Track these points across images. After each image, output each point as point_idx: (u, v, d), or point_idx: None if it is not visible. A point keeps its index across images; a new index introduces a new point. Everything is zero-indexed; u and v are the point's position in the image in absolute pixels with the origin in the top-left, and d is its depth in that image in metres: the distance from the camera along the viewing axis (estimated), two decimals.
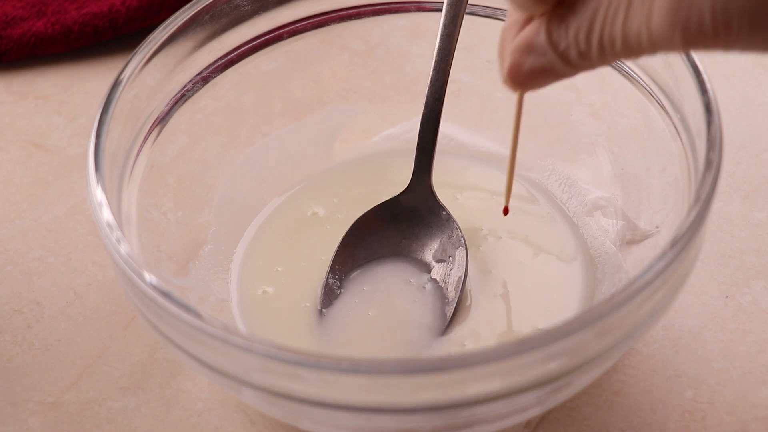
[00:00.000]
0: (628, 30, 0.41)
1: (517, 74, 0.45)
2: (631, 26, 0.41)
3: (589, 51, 0.43)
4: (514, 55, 0.45)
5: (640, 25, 0.40)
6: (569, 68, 0.44)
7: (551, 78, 0.45)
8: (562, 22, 0.43)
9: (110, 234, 0.49)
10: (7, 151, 0.68)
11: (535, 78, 0.45)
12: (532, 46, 0.44)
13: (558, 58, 0.44)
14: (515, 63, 0.45)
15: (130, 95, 0.55)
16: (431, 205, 0.59)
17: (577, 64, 0.43)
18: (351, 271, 0.58)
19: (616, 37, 0.41)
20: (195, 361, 0.48)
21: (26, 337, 0.59)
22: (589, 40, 0.42)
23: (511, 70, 0.45)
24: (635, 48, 0.41)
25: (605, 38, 0.42)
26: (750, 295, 0.58)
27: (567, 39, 0.43)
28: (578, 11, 0.42)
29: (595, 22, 0.42)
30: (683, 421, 0.54)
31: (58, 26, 0.72)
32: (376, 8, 0.62)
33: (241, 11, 0.59)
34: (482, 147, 0.63)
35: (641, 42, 0.41)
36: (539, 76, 0.45)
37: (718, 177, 0.48)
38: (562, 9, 0.43)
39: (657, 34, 0.40)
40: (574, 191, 0.61)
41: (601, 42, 0.42)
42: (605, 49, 0.42)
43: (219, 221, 0.61)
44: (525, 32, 0.44)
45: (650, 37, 0.40)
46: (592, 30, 0.42)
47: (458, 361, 0.44)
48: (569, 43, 0.43)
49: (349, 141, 0.65)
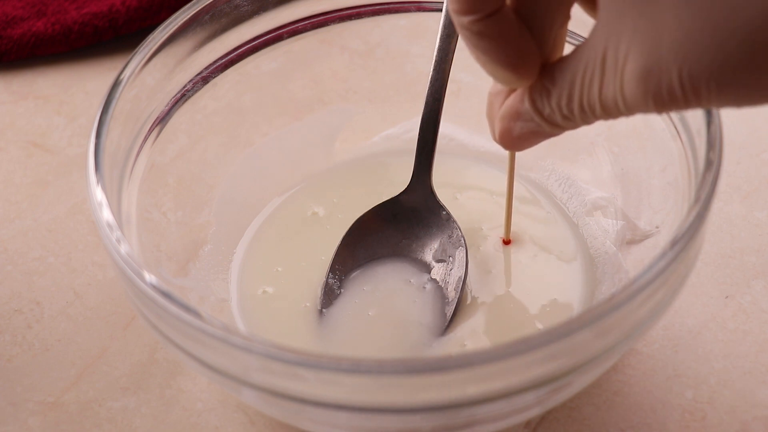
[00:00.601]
0: (605, 97, 0.43)
1: (509, 139, 0.48)
2: (606, 94, 0.42)
3: (572, 115, 0.45)
4: (503, 122, 0.47)
5: (615, 94, 0.42)
6: (556, 129, 0.46)
7: (540, 138, 0.47)
8: (544, 91, 0.45)
9: (110, 234, 0.49)
10: (7, 151, 0.68)
11: (525, 140, 0.48)
12: (519, 113, 0.47)
13: (544, 122, 0.46)
14: (505, 129, 0.48)
15: (130, 95, 0.55)
16: (431, 205, 0.59)
17: (563, 125, 0.46)
18: (351, 271, 0.58)
19: (595, 103, 0.43)
20: (195, 361, 0.48)
21: (26, 337, 0.59)
22: (570, 107, 0.44)
23: (502, 135, 0.48)
24: (614, 112, 0.43)
25: (585, 105, 0.44)
26: (750, 295, 0.58)
27: (550, 106, 0.45)
28: (557, 81, 0.44)
29: (574, 91, 0.44)
30: (683, 421, 0.54)
31: (58, 26, 0.72)
32: (376, 8, 0.62)
33: (241, 11, 0.59)
34: (482, 147, 0.63)
35: (618, 107, 0.42)
36: (529, 138, 0.47)
37: (718, 177, 0.48)
38: (543, 79, 0.45)
39: (631, 101, 0.42)
40: (574, 191, 0.61)
41: (581, 108, 0.44)
42: (586, 113, 0.44)
43: (219, 221, 0.61)
44: (511, 100, 0.47)
45: (626, 103, 0.42)
46: (572, 98, 0.44)
47: (458, 361, 0.44)
48: (552, 110, 0.45)
49: (349, 141, 0.65)
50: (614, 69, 0.42)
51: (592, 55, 0.42)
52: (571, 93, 0.44)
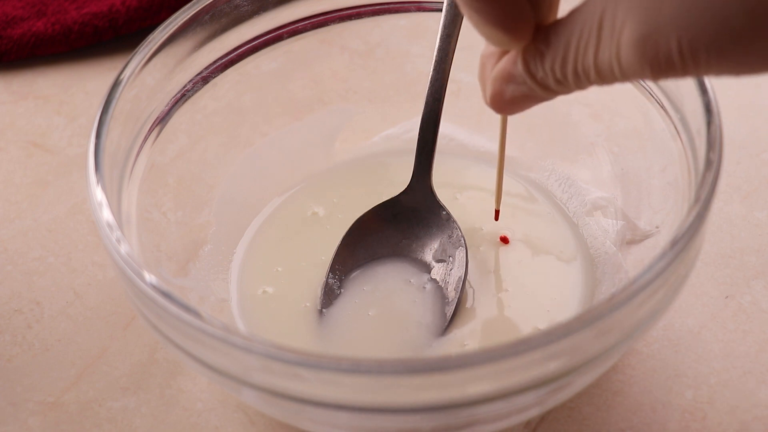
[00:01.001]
0: (600, 62, 0.42)
1: (500, 102, 0.47)
2: (602, 59, 0.42)
3: (566, 79, 0.44)
4: (494, 85, 0.47)
5: (611, 58, 0.42)
6: (549, 93, 0.46)
7: (532, 102, 0.47)
8: (538, 54, 0.44)
9: (110, 234, 0.49)
10: (7, 151, 0.68)
11: (516, 104, 0.47)
12: (511, 76, 0.46)
13: (537, 86, 0.45)
14: (496, 92, 0.47)
15: (130, 95, 0.55)
16: (431, 205, 0.59)
17: (555, 89, 0.45)
18: (351, 271, 0.58)
19: (590, 68, 0.43)
20: (195, 361, 0.48)
21: (26, 337, 0.59)
22: (564, 71, 0.44)
23: (493, 98, 0.47)
24: (609, 77, 0.42)
25: (579, 69, 0.43)
26: (750, 295, 0.58)
27: (543, 69, 0.44)
28: (552, 44, 0.44)
29: (569, 55, 0.43)
30: (683, 421, 0.54)
31: (58, 26, 0.72)
32: (376, 8, 0.62)
33: (241, 11, 0.59)
34: (482, 147, 0.63)
35: (614, 72, 0.42)
36: (520, 101, 0.47)
37: (718, 177, 0.48)
38: (537, 41, 0.44)
39: (627, 67, 0.41)
40: (574, 191, 0.61)
41: (575, 72, 0.43)
42: (580, 77, 0.43)
43: (219, 221, 0.61)
44: (503, 62, 0.46)
45: (621, 69, 0.42)
46: (566, 61, 0.43)
47: (458, 361, 0.44)
48: (546, 73, 0.44)
49: (349, 141, 0.65)
50: (611, 34, 0.41)
51: (589, 19, 0.42)
52: (566, 56, 0.43)
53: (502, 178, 0.57)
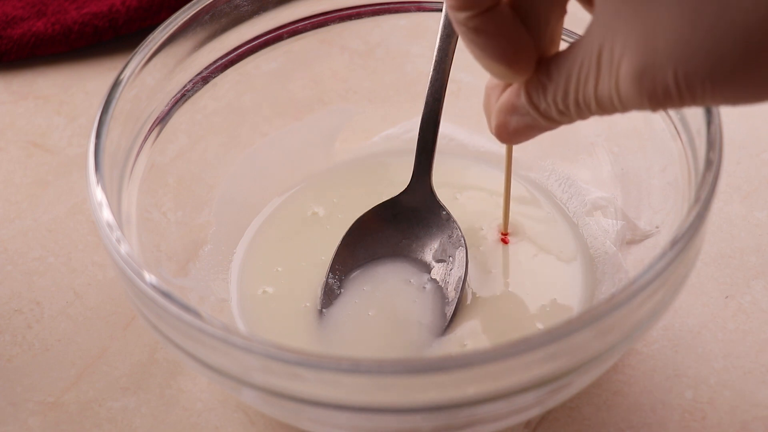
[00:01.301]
0: (600, 94, 0.43)
1: (505, 132, 0.48)
2: (602, 91, 0.43)
3: (567, 110, 0.45)
4: (499, 116, 0.48)
5: (611, 91, 0.42)
6: (552, 123, 0.46)
7: (536, 132, 0.48)
8: (540, 86, 0.45)
9: (110, 234, 0.49)
10: (7, 151, 0.68)
11: (521, 134, 0.48)
12: (515, 107, 0.47)
13: (540, 117, 0.46)
14: (501, 123, 0.48)
15: (130, 95, 0.55)
16: (431, 205, 0.59)
17: (558, 120, 0.46)
18: (351, 271, 0.58)
19: (590, 100, 0.43)
20: (195, 361, 0.48)
21: (26, 337, 0.59)
22: (566, 102, 0.44)
23: (498, 129, 0.48)
24: (609, 108, 0.43)
25: (580, 101, 0.44)
26: (750, 295, 0.58)
27: (546, 101, 0.45)
28: (553, 76, 0.44)
29: (570, 87, 0.44)
30: (683, 421, 0.54)
31: (58, 26, 0.72)
32: (376, 8, 0.62)
33: (241, 11, 0.59)
34: (482, 147, 0.63)
35: (614, 104, 0.43)
36: (524, 132, 0.48)
37: (718, 177, 0.48)
38: (539, 74, 0.45)
39: (626, 99, 0.42)
40: (574, 191, 0.61)
41: (577, 103, 0.44)
42: (582, 109, 0.44)
43: (219, 221, 0.61)
44: (507, 95, 0.47)
45: (621, 100, 0.42)
46: (568, 94, 0.44)
47: (458, 361, 0.44)
48: (548, 105, 0.45)
49: (349, 141, 0.65)
50: (609, 67, 0.42)
51: (588, 52, 0.42)
52: (567, 89, 0.44)
53: (509, 204, 0.58)
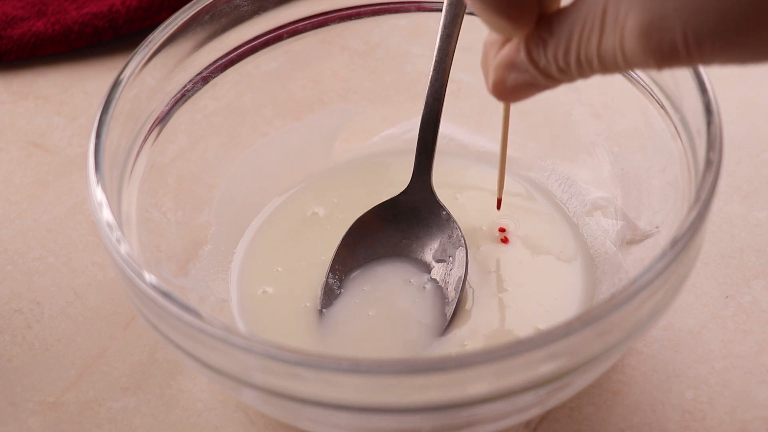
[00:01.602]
0: (603, 51, 0.42)
1: (502, 89, 0.47)
2: (605, 48, 0.42)
3: (568, 68, 0.44)
4: (497, 72, 0.46)
5: (615, 47, 0.41)
6: (551, 82, 0.45)
7: (534, 90, 0.46)
8: (541, 42, 0.44)
9: (110, 234, 0.49)
10: (7, 151, 0.68)
11: (518, 91, 0.46)
12: (514, 63, 0.45)
13: (539, 74, 0.45)
14: (498, 79, 0.46)
15: (130, 95, 0.55)
16: (431, 205, 0.59)
17: (558, 78, 0.45)
18: (351, 271, 0.58)
19: (593, 57, 0.42)
20: (195, 361, 0.48)
21: (26, 337, 0.59)
22: (567, 59, 0.43)
23: (495, 85, 0.47)
24: (612, 66, 0.42)
25: (582, 58, 0.43)
26: (750, 295, 0.58)
27: (546, 57, 0.44)
28: (555, 32, 0.43)
29: (572, 43, 0.43)
30: (683, 421, 0.54)
31: (58, 26, 0.72)
32: (376, 8, 0.62)
33: (241, 11, 0.59)
34: (482, 147, 0.63)
35: (617, 61, 0.42)
36: (522, 89, 0.46)
37: (718, 177, 0.48)
38: (540, 29, 0.44)
39: (631, 56, 0.41)
40: (574, 191, 0.61)
41: (578, 60, 0.43)
42: (583, 66, 0.43)
43: (219, 221, 0.60)
44: (506, 50, 0.46)
45: (625, 58, 0.41)
46: (569, 50, 0.43)
47: (458, 361, 0.44)
48: (548, 61, 0.44)
49: (349, 141, 0.65)
50: (614, 23, 0.41)
51: (593, 8, 0.42)
52: (569, 45, 0.43)
53: (504, 167, 0.57)
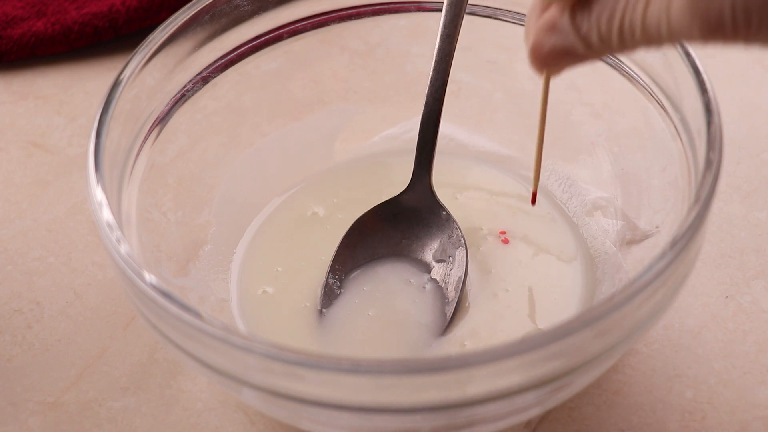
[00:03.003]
0: (649, 18, 0.41)
1: (539, 53, 0.46)
2: (651, 14, 0.41)
3: (609, 36, 0.43)
4: (537, 34, 0.45)
5: (660, 14, 0.41)
6: (590, 51, 0.44)
7: (572, 59, 0.45)
8: (586, 6, 0.44)
9: (110, 234, 0.49)
10: (7, 151, 0.68)
11: (556, 58, 0.46)
12: (555, 27, 0.45)
13: (579, 41, 0.44)
14: (537, 42, 0.45)
15: (130, 95, 0.55)
16: (431, 205, 0.59)
17: (597, 47, 0.44)
18: (351, 271, 0.58)
19: (636, 24, 0.42)
20: (195, 361, 0.48)
21: (26, 337, 0.59)
22: (610, 25, 0.43)
23: (533, 48, 0.46)
24: (655, 36, 0.42)
25: (626, 24, 0.42)
26: (750, 295, 0.58)
27: (589, 22, 0.43)
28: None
29: (617, 8, 0.42)
30: (683, 421, 0.54)
31: (58, 26, 0.72)
32: (376, 8, 0.62)
33: (241, 11, 0.59)
34: (482, 147, 0.63)
35: (660, 31, 0.41)
36: (560, 56, 0.45)
37: (718, 177, 0.48)
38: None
39: (676, 25, 0.41)
40: (574, 191, 0.61)
41: (621, 28, 0.42)
42: (625, 35, 0.43)
43: (219, 221, 0.60)
44: (549, 13, 0.45)
45: (669, 27, 0.41)
46: (614, 15, 0.43)
47: (458, 361, 0.44)
48: (591, 27, 0.43)
49: (349, 141, 0.65)
50: None
51: None
52: (614, 9, 0.42)
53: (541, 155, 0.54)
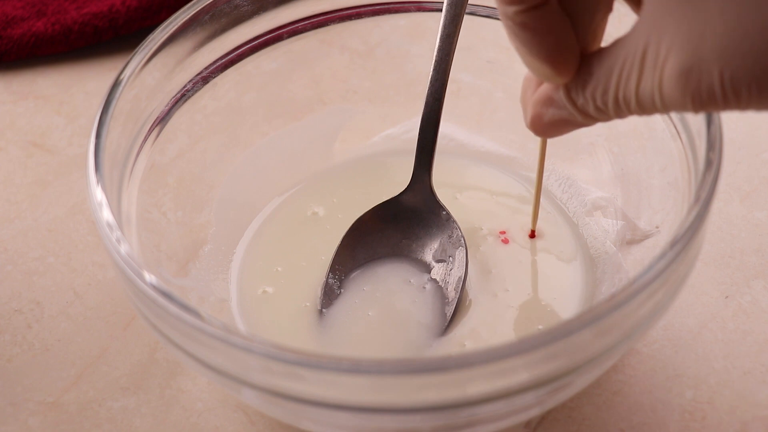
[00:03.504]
0: (642, 93, 0.42)
1: (539, 125, 0.47)
2: (644, 89, 0.42)
3: (606, 108, 0.44)
4: (535, 108, 0.47)
5: (653, 90, 0.42)
6: (588, 120, 0.46)
7: (571, 127, 0.47)
8: (579, 81, 0.45)
9: (110, 234, 0.49)
10: (7, 151, 0.68)
11: (555, 128, 0.47)
12: (552, 101, 0.46)
13: (577, 112, 0.45)
14: (536, 115, 0.47)
15: (130, 95, 0.55)
16: (431, 205, 0.59)
17: (594, 117, 0.45)
18: (351, 271, 0.58)
19: (631, 98, 0.43)
20: (195, 361, 0.48)
21: (26, 337, 0.59)
22: (605, 99, 0.44)
23: (533, 120, 0.47)
24: (650, 107, 0.42)
25: (620, 98, 0.43)
26: (750, 295, 0.58)
27: (584, 97, 0.45)
28: (594, 72, 0.44)
29: (610, 84, 0.43)
30: (683, 421, 0.54)
31: (58, 26, 0.72)
32: (376, 8, 0.62)
33: (241, 11, 0.59)
34: (482, 147, 0.63)
35: (655, 103, 0.42)
36: (559, 126, 0.47)
37: (718, 177, 0.48)
38: (580, 69, 0.44)
39: (669, 98, 0.41)
40: (574, 191, 0.61)
41: (616, 101, 0.43)
42: (621, 107, 0.43)
43: (219, 221, 0.61)
44: (545, 87, 0.46)
45: (663, 100, 0.42)
46: (608, 90, 0.43)
47: (458, 361, 0.44)
48: (587, 101, 0.45)
49: (349, 141, 0.65)
50: (654, 65, 0.41)
51: (632, 49, 0.42)
52: (607, 85, 0.43)
53: (539, 200, 0.58)
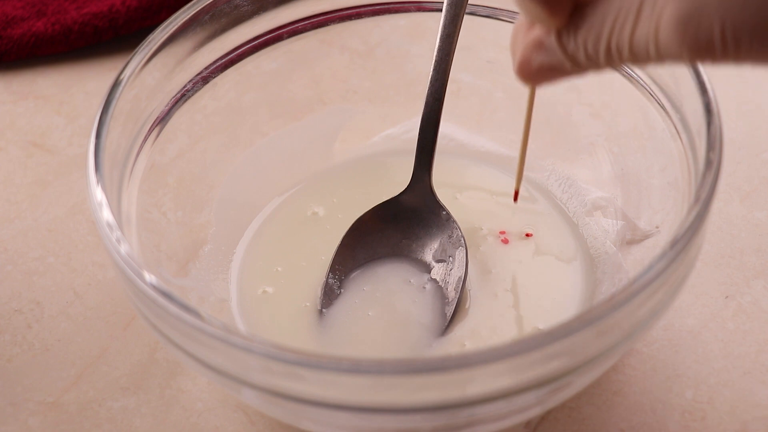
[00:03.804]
0: (636, 40, 0.41)
1: (527, 69, 0.46)
2: (639, 37, 0.41)
3: (596, 55, 0.43)
4: (524, 51, 0.46)
5: (648, 37, 0.41)
6: (577, 68, 0.45)
7: (559, 75, 0.46)
8: (572, 26, 0.43)
9: (110, 234, 0.49)
10: (7, 151, 0.68)
11: (543, 74, 0.46)
12: (542, 45, 0.45)
13: (566, 58, 0.44)
14: (525, 59, 0.46)
15: (130, 95, 0.55)
16: (431, 205, 0.59)
17: (584, 65, 0.44)
18: (351, 271, 0.58)
19: (624, 45, 0.42)
20: (195, 361, 0.48)
21: (26, 337, 0.59)
22: (597, 46, 0.43)
23: (521, 65, 0.46)
24: (643, 57, 0.42)
25: (613, 46, 0.42)
26: (750, 295, 0.58)
27: (576, 42, 0.43)
28: (588, 17, 0.43)
29: (604, 30, 0.42)
30: (683, 421, 0.54)
31: (58, 26, 0.72)
32: (376, 8, 0.62)
33: (241, 11, 0.59)
34: (482, 147, 0.63)
35: (649, 52, 0.41)
36: (547, 72, 0.46)
37: (718, 177, 0.48)
38: (573, 14, 0.43)
39: (664, 47, 0.40)
40: (574, 191, 0.61)
41: (608, 49, 0.42)
42: (612, 55, 0.43)
43: (219, 221, 0.61)
44: (536, 30, 0.45)
45: (657, 49, 0.41)
46: (600, 36, 0.42)
47: (458, 361, 0.44)
48: (578, 47, 0.43)
49: (349, 141, 0.65)
50: (651, 11, 0.40)
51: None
52: (601, 31, 0.42)
53: (524, 156, 0.55)
